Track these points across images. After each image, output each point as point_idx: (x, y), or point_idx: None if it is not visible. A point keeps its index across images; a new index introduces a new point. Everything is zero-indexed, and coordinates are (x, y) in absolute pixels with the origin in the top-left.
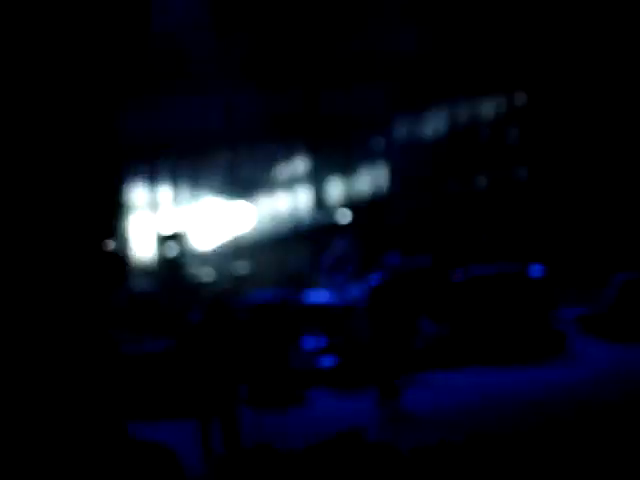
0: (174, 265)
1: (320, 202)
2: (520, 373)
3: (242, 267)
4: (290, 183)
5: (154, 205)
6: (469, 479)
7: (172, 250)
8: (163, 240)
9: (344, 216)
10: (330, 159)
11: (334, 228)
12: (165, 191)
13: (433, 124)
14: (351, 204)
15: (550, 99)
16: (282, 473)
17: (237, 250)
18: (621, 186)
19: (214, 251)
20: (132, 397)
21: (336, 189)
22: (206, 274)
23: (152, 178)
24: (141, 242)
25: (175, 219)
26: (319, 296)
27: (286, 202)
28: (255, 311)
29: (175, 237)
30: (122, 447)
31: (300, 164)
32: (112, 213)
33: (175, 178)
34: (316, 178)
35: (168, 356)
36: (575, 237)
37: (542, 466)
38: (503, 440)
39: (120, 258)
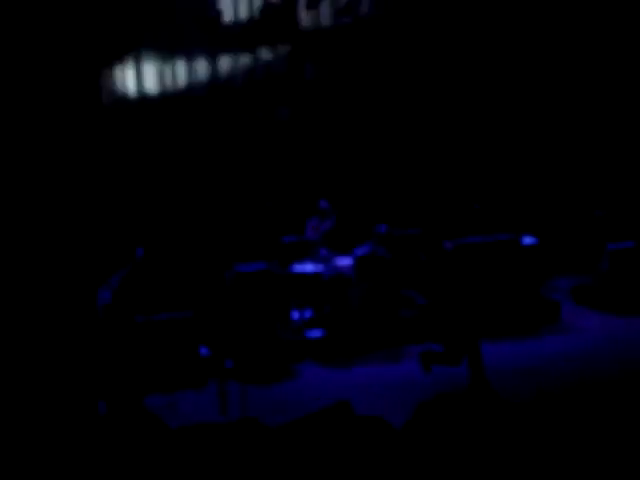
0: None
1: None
2: (513, 344)
3: (226, 234)
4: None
5: None
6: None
7: None
8: None
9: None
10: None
11: (320, 193)
12: None
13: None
14: (339, 171)
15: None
16: (268, 447)
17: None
18: (617, 154)
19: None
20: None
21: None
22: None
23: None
24: None
25: None
26: (307, 265)
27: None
28: (240, 280)
29: None
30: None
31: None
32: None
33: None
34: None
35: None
36: (570, 206)
37: (534, 438)
38: (499, 408)
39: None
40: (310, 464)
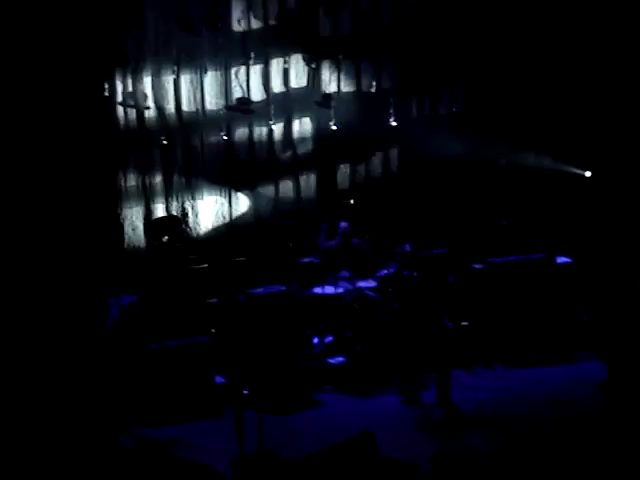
0: (167, 253)
1: (325, 185)
2: (548, 370)
3: (242, 255)
4: (294, 166)
5: (147, 192)
6: None
7: (165, 237)
8: (156, 227)
9: (350, 199)
10: (337, 139)
11: (339, 212)
12: (158, 175)
13: (447, 101)
14: (358, 187)
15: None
16: None
17: (236, 238)
18: None
19: (211, 239)
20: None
21: (343, 171)
22: (203, 262)
23: (144, 163)
24: (133, 229)
25: (169, 206)
26: (326, 288)
27: (289, 185)
28: (257, 304)
29: (169, 223)
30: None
31: (305, 145)
32: (109, 200)
33: (169, 161)
34: (323, 162)
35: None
36: (607, 223)
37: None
38: (534, 449)
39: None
40: None
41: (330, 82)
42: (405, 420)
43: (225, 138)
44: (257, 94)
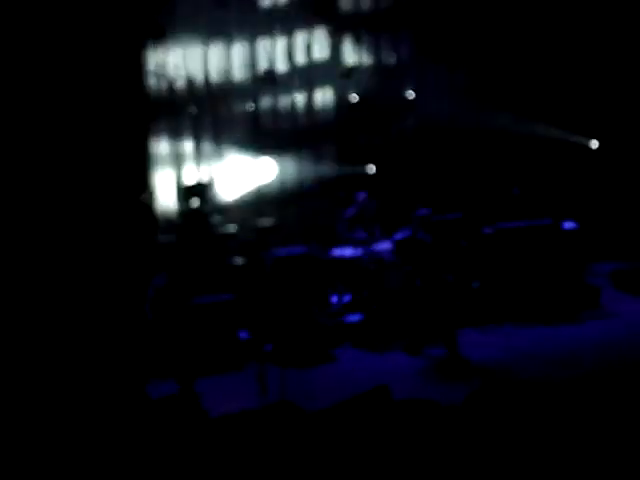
0: (198, 217)
1: (345, 155)
2: (552, 329)
3: (266, 221)
4: (315, 135)
5: (177, 158)
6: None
7: (195, 202)
8: (186, 192)
9: (368, 169)
10: (357, 111)
11: (358, 181)
12: (188, 143)
13: (463, 73)
14: (377, 157)
15: (582, 50)
16: (305, 431)
17: (261, 204)
18: None
19: (238, 204)
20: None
21: (361, 141)
22: (230, 227)
23: (175, 130)
24: (164, 195)
25: (198, 172)
26: (345, 250)
27: (311, 154)
28: (280, 265)
29: (198, 189)
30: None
31: (326, 115)
32: (143, 166)
33: (198, 129)
34: (343, 131)
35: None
36: (611, 191)
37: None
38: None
39: (151, 210)
40: (348, 448)
41: (351, 55)
42: (416, 372)
43: (251, 107)
44: (282, 66)
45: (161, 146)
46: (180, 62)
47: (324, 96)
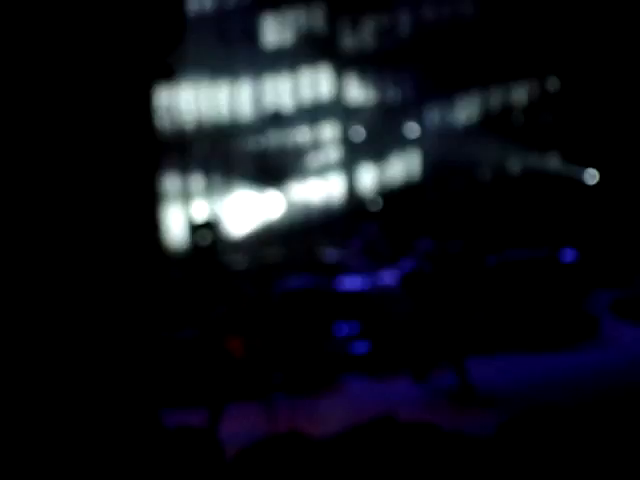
0: (207, 253)
1: (352, 189)
2: (552, 358)
3: (274, 254)
4: (322, 170)
5: (186, 194)
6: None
7: (205, 238)
8: (196, 228)
9: (375, 202)
10: (362, 146)
11: (365, 214)
12: (197, 179)
13: (465, 110)
14: (383, 191)
15: (583, 83)
16: (313, 459)
17: (269, 237)
18: None
19: (246, 239)
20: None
21: (368, 176)
22: (239, 262)
23: (183, 166)
24: (174, 231)
25: (207, 207)
26: (351, 282)
27: (318, 189)
28: (287, 297)
29: (208, 225)
30: (156, 435)
31: (332, 151)
32: (153, 203)
33: (206, 166)
34: (348, 165)
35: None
36: (609, 220)
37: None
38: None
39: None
40: (356, 474)
41: (354, 92)
42: (424, 400)
43: (258, 143)
44: (287, 103)
45: (170, 183)
46: (189, 100)
47: (329, 132)
